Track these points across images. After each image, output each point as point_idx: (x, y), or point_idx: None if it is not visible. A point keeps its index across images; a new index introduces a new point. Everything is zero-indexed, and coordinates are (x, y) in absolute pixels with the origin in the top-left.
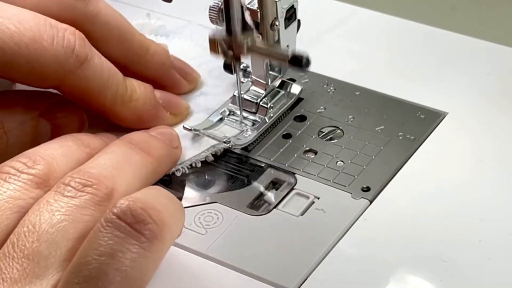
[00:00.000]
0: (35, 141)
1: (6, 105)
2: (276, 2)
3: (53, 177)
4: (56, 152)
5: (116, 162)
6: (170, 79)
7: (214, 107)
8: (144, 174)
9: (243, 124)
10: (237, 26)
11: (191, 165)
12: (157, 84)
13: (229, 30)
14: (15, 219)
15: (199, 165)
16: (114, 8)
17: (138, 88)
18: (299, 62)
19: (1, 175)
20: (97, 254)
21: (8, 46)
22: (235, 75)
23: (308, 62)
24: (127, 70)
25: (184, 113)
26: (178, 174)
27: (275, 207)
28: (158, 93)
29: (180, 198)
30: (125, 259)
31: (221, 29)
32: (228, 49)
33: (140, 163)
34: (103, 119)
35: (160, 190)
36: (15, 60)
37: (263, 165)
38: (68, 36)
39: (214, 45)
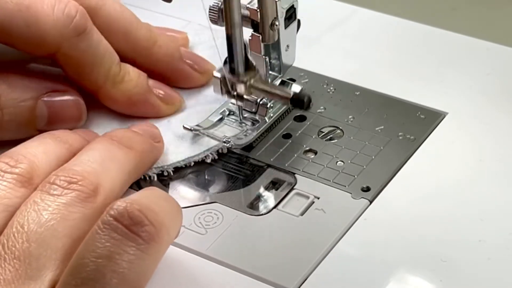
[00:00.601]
0: (31, 123)
1: (7, 81)
2: (276, 2)
3: (36, 174)
4: (37, 149)
5: (99, 158)
6: (180, 71)
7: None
8: (127, 169)
9: (243, 124)
10: (240, 66)
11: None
12: (167, 76)
13: (232, 70)
14: (3, 219)
15: (209, 160)
16: (121, 3)
17: (132, 72)
18: (301, 103)
19: None
20: (94, 256)
21: (8, 6)
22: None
23: (309, 103)
24: (135, 63)
25: (177, 105)
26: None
27: (275, 207)
28: (152, 82)
29: (180, 198)
30: (122, 261)
31: (224, 68)
32: (232, 89)
33: (123, 158)
34: (100, 113)
35: (157, 191)
36: (14, 21)
37: (263, 165)
38: (70, 6)
39: (217, 85)
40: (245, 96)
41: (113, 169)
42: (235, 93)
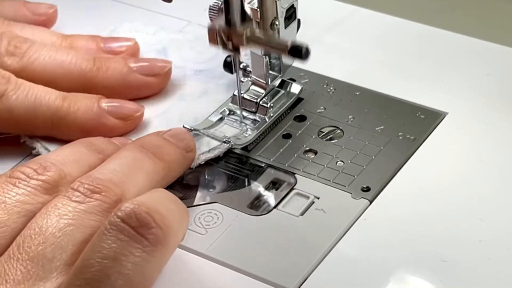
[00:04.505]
0: None
1: None
2: (276, 1)
3: (63, 183)
4: (68, 158)
5: (126, 168)
6: (134, 83)
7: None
8: (155, 180)
9: (243, 124)
10: (236, 17)
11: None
12: (124, 92)
13: (228, 21)
14: (22, 223)
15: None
16: (54, 49)
17: (79, 100)
18: (299, 52)
19: (11, 179)
20: (100, 257)
21: None
22: (235, 74)
23: (307, 53)
24: (88, 92)
25: (135, 116)
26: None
27: (275, 207)
28: (105, 101)
29: (181, 198)
30: (127, 262)
31: (220, 19)
32: (228, 40)
33: (151, 169)
34: None
35: (165, 193)
36: None
37: (263, 165)
38: None
39: (213, 36)
40: (245, 96)
41: (139, 180)
42: (231, 45)
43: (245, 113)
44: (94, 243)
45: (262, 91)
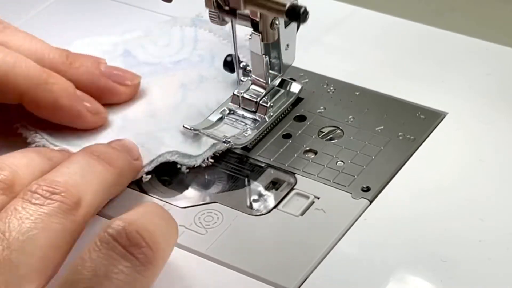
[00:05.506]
0: None
1: None
2: None
3: (18, 184)
4: (20, 161)
5: (80, 171)
6: (101, 87)
7: (214, 105)
8: (107, 184)
9: (243, 123)
10: None
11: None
12: (92, 92)
13: None
14: None
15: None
16: (26, 34)
17: (57, 76)
18: (297, 14)
19: None
20: (90, 273)
21: None
22: (235, 73)
23: (305, 15)
24: None
25: (103, 117)
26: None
27: (275, 207)
28: (79, 92)
29: (180, 198)
30: (118, 280)
31: None
32: (224, 3)
33: (103, 173)
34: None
35: (155, 209)
36: None
37: (263, 165)
38: None
39: None
40: (245, 95)
41: (94, 183)
42: (227, 7)
43: (245, 113)
44: (84, 258)
45: (262, 90)
